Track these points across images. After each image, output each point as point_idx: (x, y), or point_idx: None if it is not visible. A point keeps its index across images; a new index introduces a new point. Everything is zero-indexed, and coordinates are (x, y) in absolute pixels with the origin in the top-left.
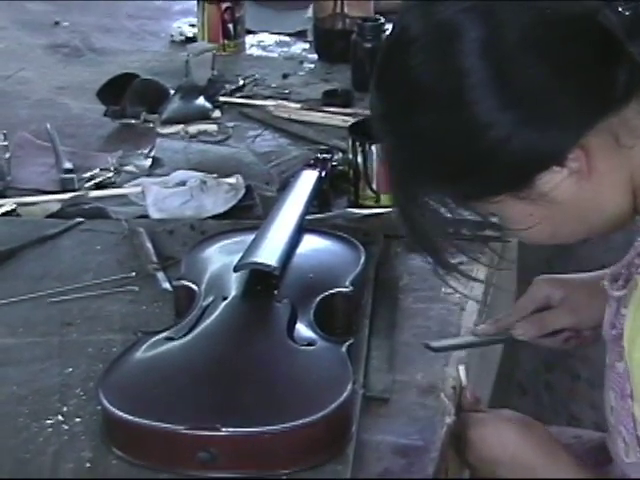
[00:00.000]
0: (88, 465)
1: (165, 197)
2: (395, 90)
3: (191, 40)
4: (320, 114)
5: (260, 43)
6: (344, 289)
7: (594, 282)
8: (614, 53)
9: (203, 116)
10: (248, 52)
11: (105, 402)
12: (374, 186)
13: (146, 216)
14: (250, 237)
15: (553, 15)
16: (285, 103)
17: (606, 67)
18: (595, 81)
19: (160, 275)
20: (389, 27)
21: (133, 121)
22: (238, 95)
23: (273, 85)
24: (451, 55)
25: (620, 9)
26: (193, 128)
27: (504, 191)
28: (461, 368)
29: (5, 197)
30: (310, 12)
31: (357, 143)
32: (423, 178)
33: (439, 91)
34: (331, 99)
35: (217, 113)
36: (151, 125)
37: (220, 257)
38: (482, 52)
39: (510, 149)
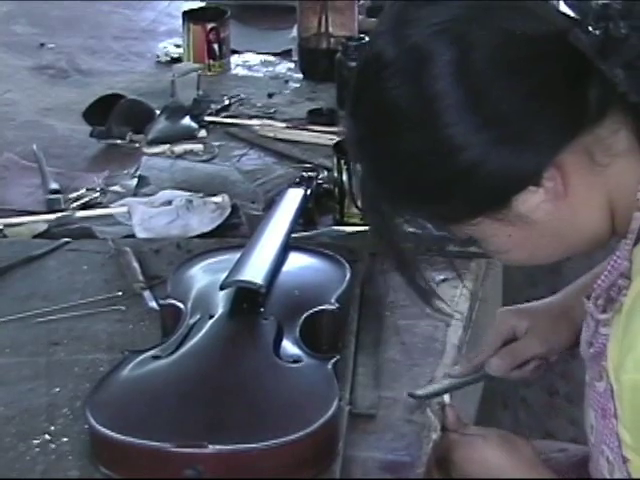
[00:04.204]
0: None
1: (151, 216)
2: (370, 115)
3: (177, 60)
4: (305, 133)
5: (245, 63)
6: (330, 306)
7: (556, 306)
8: (586, 72)
9: (189, 136)
10: (233, 72)
11: (92, 421)
12: (359, 204)
13: (132, 235)
14: (236, 255)
15: (523, 36)
16: (270, 122)
17: (578, 86)
18: (567, 100)
19: (146, 294)
20: None
21: (119, 141)
22: (224, 115)
23: (258, 104)
24: (424, 79)
25: (590, 29)
26: (179, 148)
27: (481, 213)
28: None
29: None
30: (295, 32)
31: (342, 161)
32: (400, 201)
33: (414, 114)
34: (316, 118)
35: (203, 133)
36: (137, 145)
37: (206, 275)
38: (454, 75)
39: (485, 170)
